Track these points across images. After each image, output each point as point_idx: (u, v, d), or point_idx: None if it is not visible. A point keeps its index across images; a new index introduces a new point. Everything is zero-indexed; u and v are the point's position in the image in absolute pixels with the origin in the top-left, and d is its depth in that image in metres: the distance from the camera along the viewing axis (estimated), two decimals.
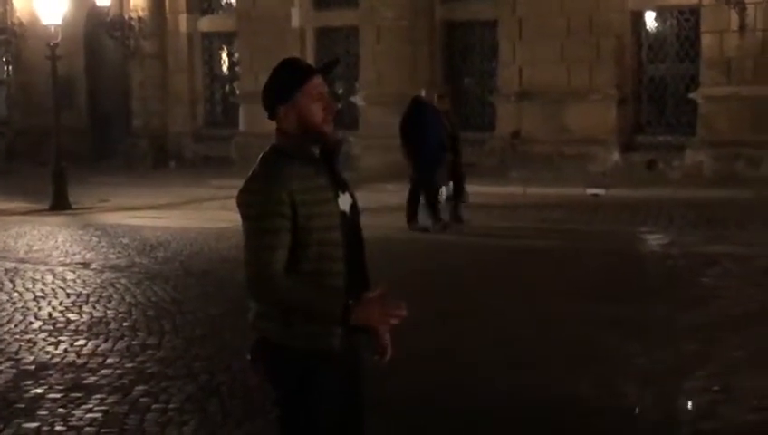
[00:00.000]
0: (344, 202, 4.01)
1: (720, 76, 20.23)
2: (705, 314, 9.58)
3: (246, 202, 3.91)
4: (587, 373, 7.73)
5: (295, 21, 25.11)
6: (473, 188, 19.94)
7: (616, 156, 21.34)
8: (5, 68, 31.11)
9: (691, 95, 20.64)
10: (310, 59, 24.69)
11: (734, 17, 19.84)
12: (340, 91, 24.95)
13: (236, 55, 26.92)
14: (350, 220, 4.03)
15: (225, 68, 27.77)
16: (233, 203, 4.02)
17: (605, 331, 8.95)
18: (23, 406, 7.32)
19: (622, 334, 8.80)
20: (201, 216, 17.74)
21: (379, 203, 16.91)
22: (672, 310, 9.68)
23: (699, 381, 7.42)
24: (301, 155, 3.94)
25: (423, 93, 15.79)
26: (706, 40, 20.42)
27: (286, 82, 3.97)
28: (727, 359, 8.02)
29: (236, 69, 26.97)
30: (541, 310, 9.91)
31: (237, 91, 26.68)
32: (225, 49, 27.52)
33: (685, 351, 8.25)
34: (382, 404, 4.23)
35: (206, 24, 27.14)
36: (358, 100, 24.09)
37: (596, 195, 19.02)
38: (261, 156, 4.01)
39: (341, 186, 4.03)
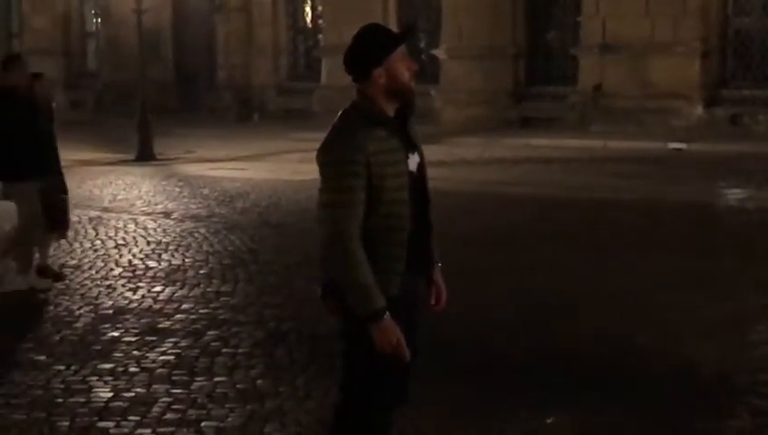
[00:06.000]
0: (413, 162, 4.27)
1: None
2: None
3: (325, 161, 4.18)
4: (648, 323, 7.80)
5: None
6: (553, 142, 19.99)
7: (699, 110, 21.10)
8: (95, 21, 31.68)
9: None
10: (392, 11, 24.81)
11: None
12: (422, 44, 24.98)
13: (320, 8, 27.08)
14: (417, 179, 4.31)
15: (308, 21, 27.95)
16: (312, 156, 4.25)
17: (670, 282, 9.00)
18: (99, 348, 7.61)
19: (688, 287, 8.83)
20: (281, 168, 17.99)
21: (456, 157, 17.02)
22: (741, 264, 9.68)
23: (760, 334, 7.45)
24: (379, 117, 4.20)
25: None
26: None
27: (382, 46, 4.24)
28: None
29: (320, 22, 27.14)
30: (609, 263, 9.95)
31: (321, 45, 26.86)
32: (309, 2, 27.69)
33: (749, 304, 8.26)
34: (440, 344, 4.41)
35: None
36: (439, 53, 24.08)
37: (678, 149, 18.87)
38: (341, 112, 4.28)
39: (411, 146, 4.29)
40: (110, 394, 6.59)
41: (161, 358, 7.33)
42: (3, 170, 9.37)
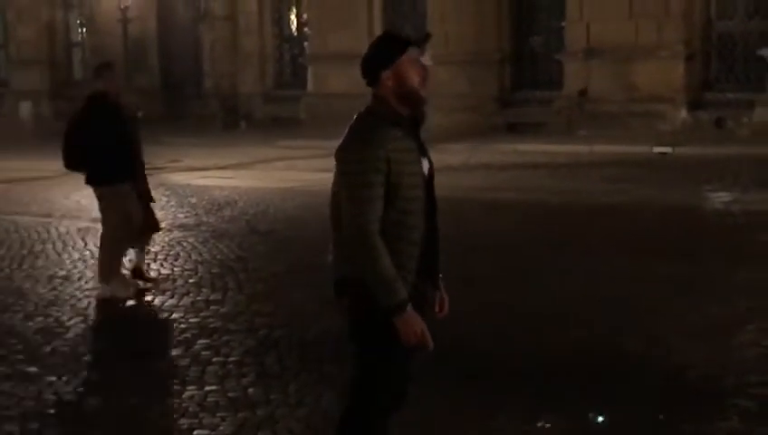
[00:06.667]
0: (425, 165, 4.42)
1: None
2: (761, 271, 9.60)
3: (346, 159, 4.30)
4: (636, 328, 7.84)
5: None
6: (539, 147, 20.02)
7: (684, 113, 21.20)
8: (80, 30, 31.65)
9: (760, 52, 20.40)
10: (377, 18, 24.85)
11: None
12: None
13: (305, 16, 27.12)
14: (427, 182, 4.43)
15: (294, 29, 27.99)
16: (301, 163, 4.36)
17: (658, 287, 9.04)
18: (89, 359, 7.63)
19: (675, 290, 8.88)
20: (269, 176, 17.97)
21: (443, 163, 16.95)
22: (728, 267, 9.72)
23: (749, 336, 7.50)
24: (393, 119, 4.33)
25: None
26: None
27: (390, 49, 4.40)
28: None
29: (305, 30, 27.18)
30: (599, 267, 9.99)
31: (307, 52, 26.88)
32: (294, 9, 27.73)
33: (736, 307, 8.31)
34: (438, 349, 4.46)
35: None
36: (425, 59, 24.05)
37: (663, 153, 18.94)
38: (357, 116, 4.40)
39: (423, 150, 4.43)
40: (102, 405, 6.60)
41: (152, 368, 7.34)
42: (94, 175, 9.54)
